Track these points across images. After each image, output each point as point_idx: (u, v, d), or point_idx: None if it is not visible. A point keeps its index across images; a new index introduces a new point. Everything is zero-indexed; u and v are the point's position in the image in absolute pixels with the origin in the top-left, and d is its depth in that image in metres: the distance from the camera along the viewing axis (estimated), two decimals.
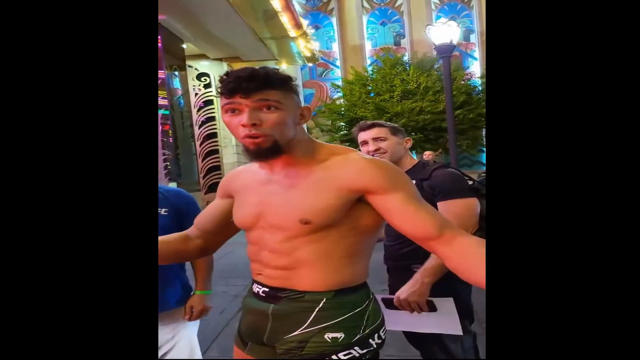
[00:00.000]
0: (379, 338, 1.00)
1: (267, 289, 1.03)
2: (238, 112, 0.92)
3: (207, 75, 10.02)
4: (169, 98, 8.13)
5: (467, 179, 1.60)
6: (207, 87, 9.95)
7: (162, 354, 1.59)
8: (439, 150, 10.77)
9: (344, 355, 0.95)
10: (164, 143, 7.78)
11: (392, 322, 1.48)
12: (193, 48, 9.26)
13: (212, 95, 9.87)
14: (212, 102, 9.85)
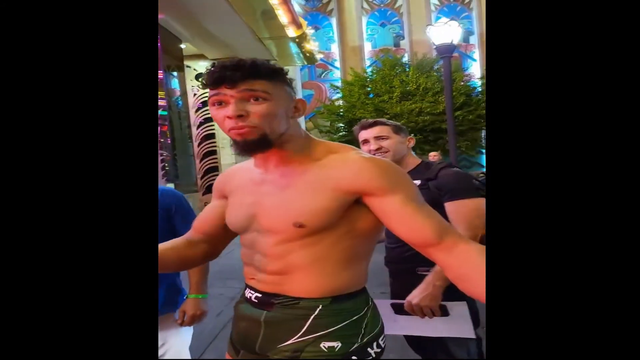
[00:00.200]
0: (378, 347, 0.94)
1: (259, 295, 0.97)
2: (224, 104, 0.88)
3: None
4: (167, 99, 8.06)
5: (474, 179, 1.57)
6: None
7: None
8: (438, 152, 10.74)
9: None
10: (162, 144, 7.73)
11: (401, 327, 1.44)
12: (191, 48, 9.21)
13: None
14: None
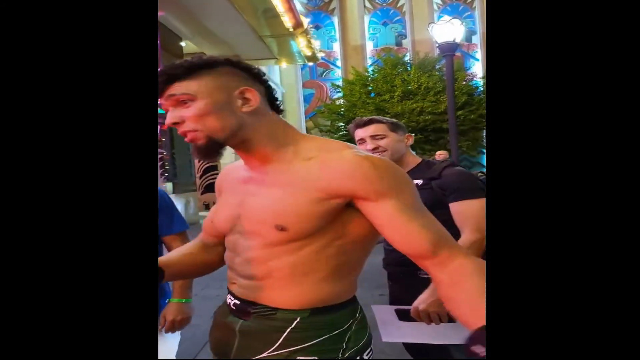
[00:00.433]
0: None
1: (237, 302, 0.90)
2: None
3: None
4: None
5: (478, 179, 1.50)
6: None
7: None
8: (444, 151, 10.69)
9: None
10: (161, 143, 7.68)
11: (406, 335, 1.37)
12: (192, 46, 9.15)
13: None
14: None
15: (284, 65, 11.23)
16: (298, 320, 0.83)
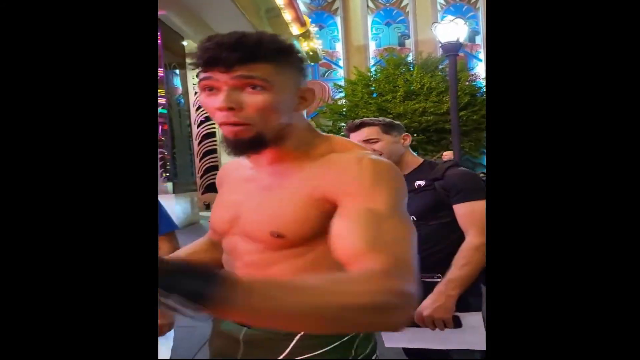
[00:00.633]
0: None
1: None
2: (216, 90, 0.71)
3: None
4: (168, 97, 7.97)
5: (481, 179, 1.47)
6: None
7: None
8: (440, 153, 10.65)
9: None
10: (163, 143, 7.67)
11: (409, 340, 1.34)
12: (193, 45, 9.13)
13: None
14: None
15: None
16: None
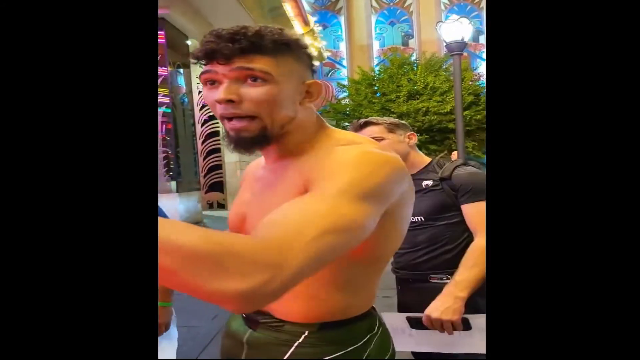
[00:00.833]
0: None
1: None
2: (217, 84, 0.70)
3: None
4: (172, 96, 7.96)
5: None
6: None
7: None
8: (444, 152, 10.62)
9: None
10: (166, 142, 7.66)
11: (418, 343, 1.32)
12: (198, 44, 9.14)
13: None
14: None
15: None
16: (306, 335, 0.76)
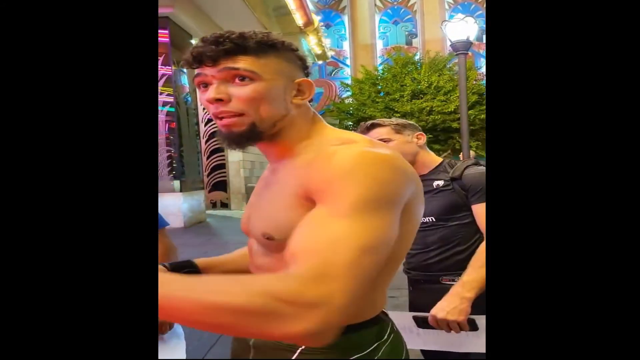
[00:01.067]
0: None
1: None
2: (209, 86, 0.72)
3: None
4: (176, 95, 7.96)
5: None
6: None
7: None
8: (448, 152, 10.61)
9: None
10: (170, 141, 7.65)
11: (425, 342, 1.32)
12: None
13: None
14: None
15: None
16: None
